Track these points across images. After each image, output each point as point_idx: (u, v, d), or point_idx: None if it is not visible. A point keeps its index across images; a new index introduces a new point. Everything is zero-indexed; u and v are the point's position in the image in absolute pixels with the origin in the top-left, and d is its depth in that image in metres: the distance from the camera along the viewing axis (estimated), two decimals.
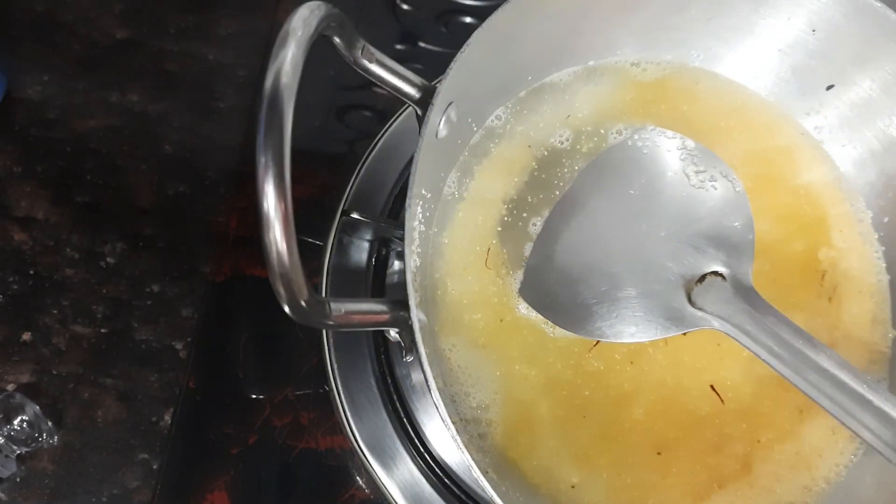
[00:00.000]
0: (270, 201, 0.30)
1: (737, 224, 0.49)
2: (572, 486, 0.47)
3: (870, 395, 0.41)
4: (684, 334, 0.47)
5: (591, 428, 0.48)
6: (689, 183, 0.51)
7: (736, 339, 0.45)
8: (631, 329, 0.47)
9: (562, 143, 0.54)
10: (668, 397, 0.49)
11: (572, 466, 0.48)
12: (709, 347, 0.51)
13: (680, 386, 0.50)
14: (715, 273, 0.47)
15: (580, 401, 0.49)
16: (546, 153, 0.54)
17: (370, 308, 0.40)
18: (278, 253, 0.30)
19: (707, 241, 0.49)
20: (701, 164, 0.51)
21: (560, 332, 0.49)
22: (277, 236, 0.30)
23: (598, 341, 0.49)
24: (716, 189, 0.50)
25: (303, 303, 0.32)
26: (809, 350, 0.42)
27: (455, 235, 0.51)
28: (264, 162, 0.29)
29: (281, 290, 0.31)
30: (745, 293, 0.46)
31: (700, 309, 0.46)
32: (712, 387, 0.50)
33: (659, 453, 0.48)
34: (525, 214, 0.52)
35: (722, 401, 0.49)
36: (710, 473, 0.48)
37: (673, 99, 0.57)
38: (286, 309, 0.32)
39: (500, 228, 0.52)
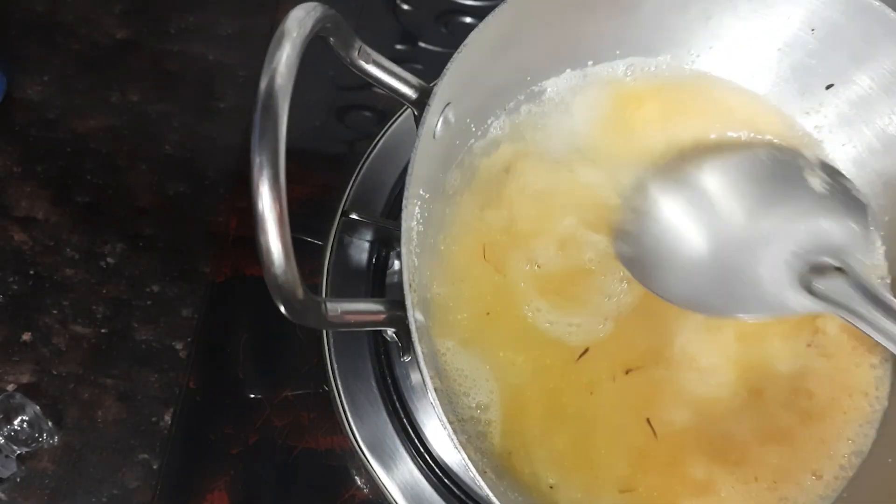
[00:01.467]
0: (265, 202, 0.30)
1: (853, 222, 0.51)
2: (550, 486, 0.48)
3: None
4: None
5: (567, 436, 0.49)
6: (809, 186, 0.53)
7: (855, 325, 0.46)
8: (743, 306, 0.50)
9: (560, 145, 0.54)
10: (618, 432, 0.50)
11: (551, 466, 0.48)
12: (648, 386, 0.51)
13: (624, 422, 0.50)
14: (833, 266, 0.49)
15: (560, 404, 0.50)
16: (545, 154, 0.54)
17: (367, 308, 0.40)
18: (274, 253, 0.30)
19: (825, 236, 0.50)
20: (824, 172, 0.53)
21: (550, 329, 0.50)
22: (273, 237, 0.30)
23: (582, 354, 0.50)
24: (834, 191, 0.52)
25: (298, 303, 0.32)
26: None
27: (452, 234, 0.52)
28: (259, 162, 0.30)
29: (276, 291, 0.31)
30: (863, 285, 0.47)
31: (819, 296, 0.48)
32: (648, 420, 0.50)
33: (621, 492, 0.48)
34: (524, 214, 0.52)
35: (655, 434, 0.50)
36: None
37: (670, 100, 0.57)
38: (282, 309, 0.32)
39: (499, 230, 0.52)
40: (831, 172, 0.54)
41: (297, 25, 0.32)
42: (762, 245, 0.51)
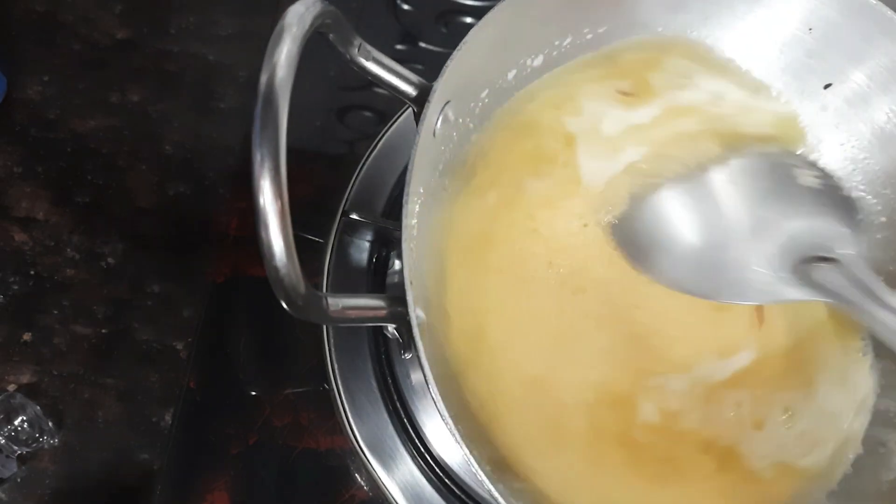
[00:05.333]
0: (267, 197, 0.30)
1: (847, 221, 0.51)
2: None
3: None
4: None
5: None
6: (805, 186, 0.53)
7: (849, 313, 0.47)
8: (735, 290, 0.50)
9: (559, 143, 0.54)
10: None
11: None
12: None
13: None
14: (827, 259, 0.49)
15: None
16: (546, 153, 0.54)
17: (368, 304, 0.40)
18: (275, 248, 0.30)
19: (819, 232, 0.50)
20: (814, 171, 0.53)
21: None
22: (274, 231, 0.30)
23: None
24: (824, 189, 0.52)
25: (300, 297, 0.32)
26: None
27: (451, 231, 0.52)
28: (260, 158, 0.30)
29: (278, 285, 0.31)
30: (857, 275, 0.47)
31: (813, 286, 0.48)
32: None
33: None
34: (523, 212, 0.52)
35: None
36: None
37: (668, 98, 0.57)
38: (283, 304, 0.32)
39: (497, 225, 0.52)
40: (820, 173, 0.54)
41: (297, 20, 0.33)
42: (758, 238, 0.51)
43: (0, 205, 0.68)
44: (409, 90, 0.44)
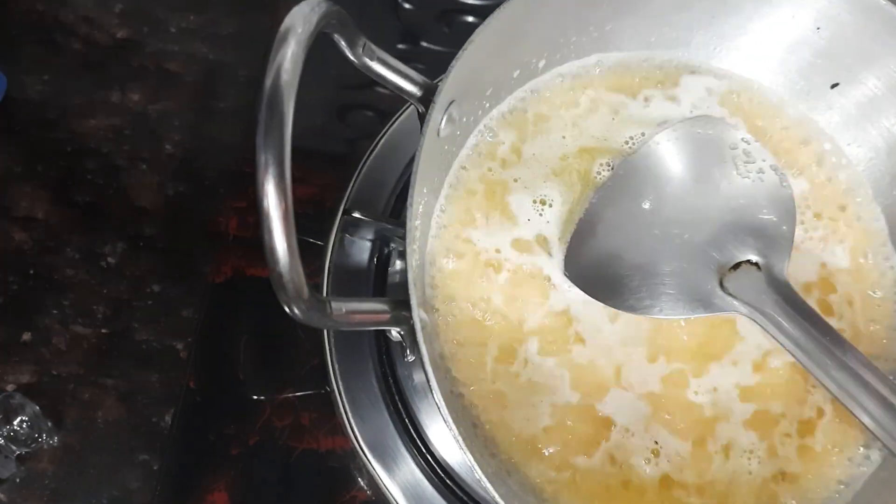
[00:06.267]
0: (271, 200, 0.29)
1: (778, 218, 0.49)
2: None
3: (893, 399, 0.41)
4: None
5: None
6: (736, 172, 0.51)
7: (763, 328, 0.45)
8: (660, 305, 0.47)
9: (563, 141, 0.54)
10: None
11: None
12: None
13: None
14: (750, 262, 0.48)
15: None
16: (548, 152, 0.54)
17: (371, 307, 0.39)
18: (279, 252, 0.30)
19: (746, 230, 0.49)
20: (751, 155, 0.51)
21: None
22: (278, 236, 0.30)
23: None
24: (762, 182, 0.50)
25: (303, 302, 0.32)
26: (836, 348, 0.43)
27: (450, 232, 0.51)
28: (264, 161, 0.29)
29: (282, 290, 0.31)
30: (778, 285, 0.46)
31: (731, 295, 0.47)
32: None
33: None
34: (523, 210, 0.52)
35: None
36: None
37: (668, 98, 0.57)
38: (287, 309, 0.32)
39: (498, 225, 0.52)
40: (762, 156, 0.52)
41: (302, 21, 0.32)
42: (692, 231, 0.50)
43: (0, 205, 0.68)
44: (414, 90, 0.44)
